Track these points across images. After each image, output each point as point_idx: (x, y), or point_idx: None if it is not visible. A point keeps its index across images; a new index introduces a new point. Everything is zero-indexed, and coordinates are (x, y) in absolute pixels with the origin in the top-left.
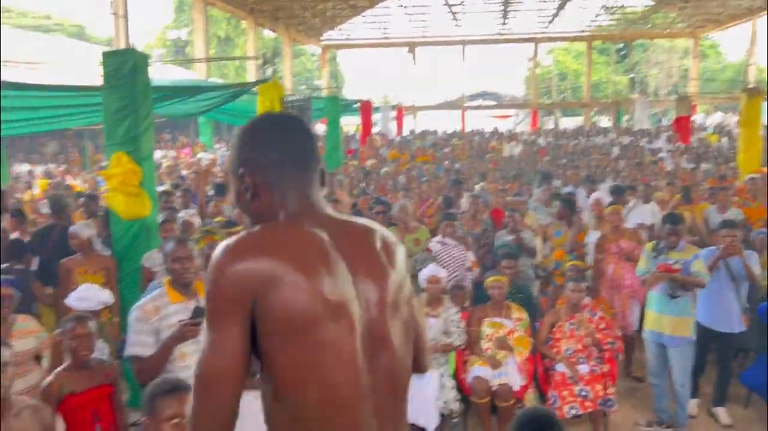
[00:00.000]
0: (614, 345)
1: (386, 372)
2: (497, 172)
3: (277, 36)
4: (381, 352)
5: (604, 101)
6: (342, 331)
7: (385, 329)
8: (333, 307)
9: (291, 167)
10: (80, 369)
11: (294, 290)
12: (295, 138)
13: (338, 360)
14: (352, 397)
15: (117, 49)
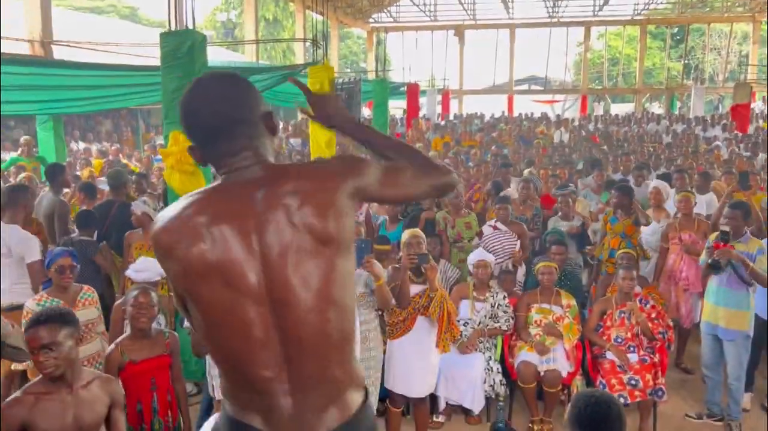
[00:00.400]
0: (666, 335)
1: (292, 328)
2: (545, 158)
3: (325, 19)
4: (281, 308)
5: (657, 87)
6: (229, 290)
7: (285, 287)
8: (216, 273)
9: (204, 143)
10: (140, 338)
11: (178, 263)
12: (195, 119)
13: (226, 316)
14: (246, 346)
15: (175, 30)
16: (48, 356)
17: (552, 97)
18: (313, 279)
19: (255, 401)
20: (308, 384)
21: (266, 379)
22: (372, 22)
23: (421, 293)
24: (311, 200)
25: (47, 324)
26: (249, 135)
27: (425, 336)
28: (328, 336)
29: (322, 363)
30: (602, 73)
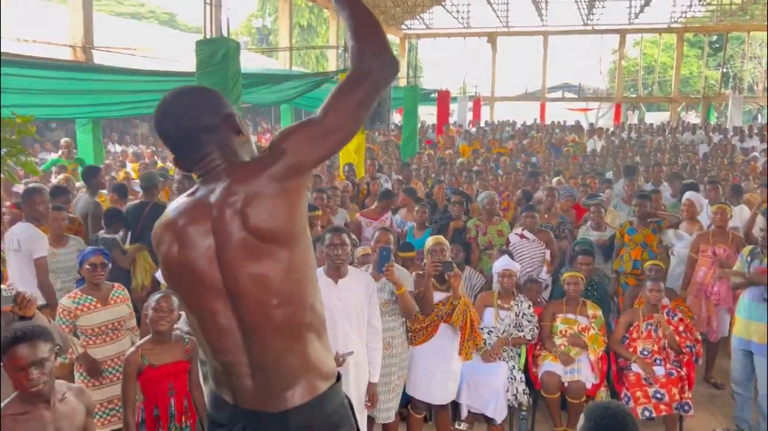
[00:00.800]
0: (694, 349)
1: (246, 316)
2: (576, 166)
3: None
4: (235, 300)
5: (693, 96)
6: (195, 283)
7: (236, 281)
8: (184, 266)
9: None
10: (160, 342)
11: (162, 256)
12: (165, 135)
13: (195, 304)
14: (212, 332)
15: (210, 37)
16: (39, 373)
17: (586, 105)
18: (259, 273)
19: (226, 380)
20: (265, 368)
21: (230, 362)
22: (404, 29)
23: (444, 300)
24: (248, 200)
25: (31, 340)
26: (212, 140)
27: (448, 343)
28: (278, 326)
29: (276, 350)
30: (637, 81)
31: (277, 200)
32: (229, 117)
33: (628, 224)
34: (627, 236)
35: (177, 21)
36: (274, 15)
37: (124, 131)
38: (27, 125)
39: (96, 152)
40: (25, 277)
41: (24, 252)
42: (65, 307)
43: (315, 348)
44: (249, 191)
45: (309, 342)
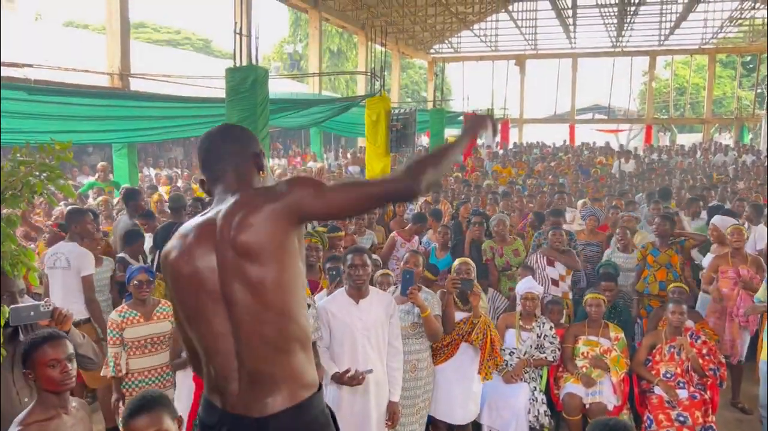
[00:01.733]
0: (717, 372)
1: (237, 327)
2: (604, 188)
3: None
4: (231, 306)
5: (726, 117)
6: (196, 290)
7: (231, 286)
8: (187, 275)
9: (206, 177)
10: None
11: (167, 268)
12: (200, 158)
13: (192, 311)
14: (206, 339)
15: (240, 65)
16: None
17: (616, 126)
18: (248, 286)
19: (215, 383)
20: (252, 375)
21: (222, 366)
22: (433, 53)
23: (465, 319)
24: (242, 223)
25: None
26: (237, 166)
27: (468, 362)
28: (267, 335)
29: (263, 358)
30: (669, 102)
31: (268, 228)
32: (257, 155)
33: (651, 246)
34: (651, 257)
35: (212, 47)
36: (305, 41)
37: (158, 154)
38: (65, 151)
39: (131, 176)
40: (72, 294)
41: (73, 270)
42: (113, 320)
43: (299, 358)
44: (247, 213)
45: (294, 352)
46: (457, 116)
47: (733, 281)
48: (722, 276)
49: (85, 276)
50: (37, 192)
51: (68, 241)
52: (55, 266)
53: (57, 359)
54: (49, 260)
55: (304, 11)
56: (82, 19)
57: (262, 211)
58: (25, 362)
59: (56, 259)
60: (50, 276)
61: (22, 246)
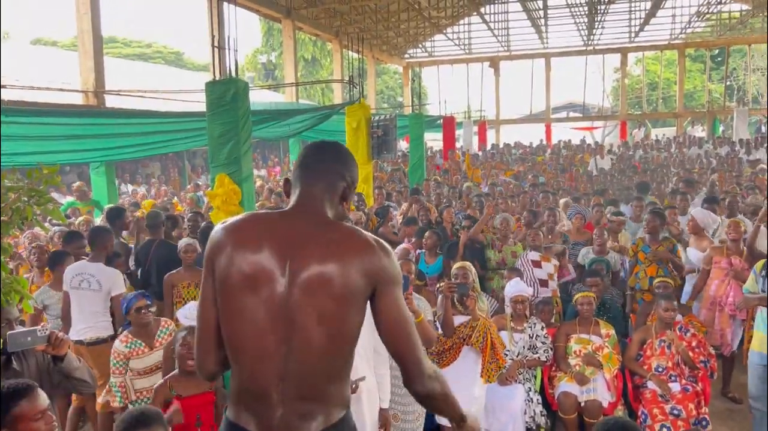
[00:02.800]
0: (708, 364)
1: (296, 347)
2: (583, 185)
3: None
4: (292, 328)
5: (698, 111)
6: (255, 301)
7: (298, 310)
8: (250, 280)
9: (295, 178)
10: (187, 376)
11: (225, 258)
12: (300, 159)
13: (246, 322)
14: (255, 355)
15: (219, 78)
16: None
17: (591, 123)
18: (323, 315)
19: (251, 404)
20: (298, 397)
21: (264, 386)
22: (407, 58)
23: (465, 323)
24: (341, 264)
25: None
26: (329, 182)
27: (471, 365)
28: (324, 363)
29: (313, 384)
30: (641, 98)
31: (359, 282)
32: (352, 185)
33: (641, 242)
34: (642, 253)
35: (184, 59)
36: (278, 50)
37: (135, 170)
38: (53, 174)
39: (110, 194)
40: (99, 314)
41: (104, 291)
42: (119, 351)
43: (344, 383)
44: (340, 253)
45: (342, 379)
46: (435, 119)
47: (725, 271)
48: (715, 266)
49: (115, 296)
50: (27, 218)
51: (93, 261)
52: (81, 287)
53: (41, 411)
54: (74, 281)
55: (278, 21)
56: (50, 37)
57: (351, 265)
58: (3, 420)
59: (82, 279)
60: (74, 296)
61: (14, 275)
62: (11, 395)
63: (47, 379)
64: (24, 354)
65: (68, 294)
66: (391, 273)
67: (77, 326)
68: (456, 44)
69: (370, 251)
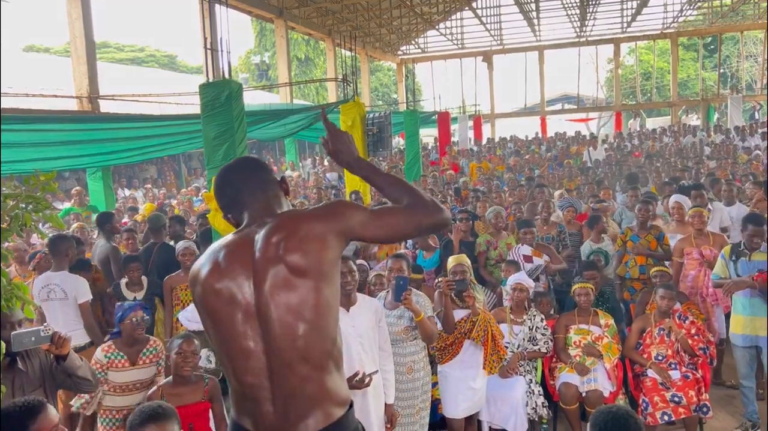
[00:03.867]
0: (707, 351)
1: (277, 342)
2: (580, 176)
3: (354, 54)
4: (268, 326)
5: (692, 99)
6: (231, 310)
7: (267, 306)
8: (223, 294)
9: (232, 207)
10: (181, 384)
11: (199, 286)
12: (223, 188)
13: (225, 331)
14: (240, 360)
15: (213, 80)
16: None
17: (586, 115)
18: (290, 303)
19: (247, 405)
20: (287, 394)
21: (253, 386)
22: (401, 54)
23: (465, 317)
24: (289, 240)
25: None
26: (265, 189)
27: (474, 359)
28: (303, 354)
29: (299, 378)
30: (635, 88)
31: (314, 245)
32: (283, 180)
33: (630, 232)
34: (630, 242)
35: (177, 62)
36: (271, 50)
37: (132, 174)
38: (50, 181)
39: (107, 198)
40: (72, 322)
41: (70, 299)
42: (98, 360)
43: (334, 377)
44: (295, 232)
45: (329, 371)
46: (430, 115)
47: (698, 261)
48: (687, 258)
49: (82, 303)
50: (26, 225)
51: (56, 270)
52: (49, 298)
53: (54, 425)
54: (42, 293)
55: (270, 21)
56: (42, 43)
57: (313, 231)
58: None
59: (50, 290)
60: (46, 308)
61: (14, 281)
62: (26, 413)
63: (50, 379)
64: (28, 354)
65: (40, 308)
66: (333, 209)
67: None
68: (449, 39)
69: (320, 216)
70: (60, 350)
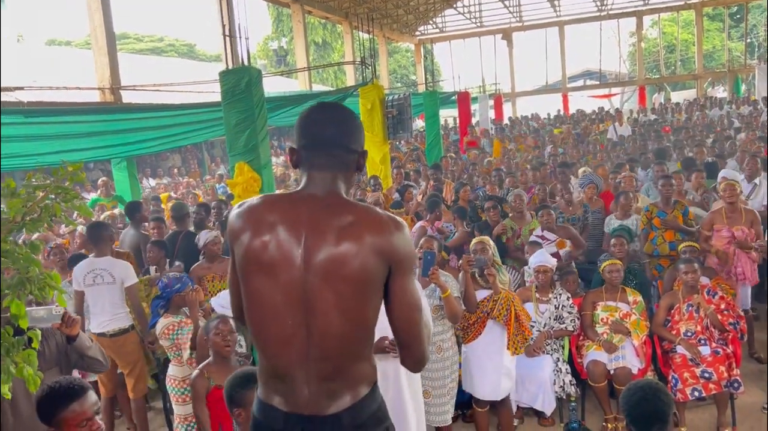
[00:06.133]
0: (737, 326)
1: (316, 329)
2: (603, 153)
3: (372, 36)
4: (311, 311)
5: (719, 71)
6: (272, 286)
7: (316, 293)
8: (266, 266)
9: (303, 156)
10: (223, 364)
11: (241, 246)
12: (303, 128)
13: (265, 306)
14: (276, 339)
15: (232, 67)
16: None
17: (609, 90)
18: (342, 300)
19: (278, 385)
20: (323, 377)
21: (288, 367)
22: (419, 35)
23: (488, 297)
24: (347, 242)
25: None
26: (340, 161)
27: (497, 338)
28: (344, 345)
29: (336, 364)
30: (659, 62)
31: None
32: (363, 154)
33: (655, 209)
34: (657, 219)
35: (196, 51)
36: (288, 36)
37: (156, 164)
38: (77, 171)
39: (133, 188)
40: (117, 306)
41: (117, 283)
42: (167, 324)
43: (368, 360)
44: (350, 234)
45: (366, 358)
46: (449, 96)
47: (728, 239)
48: (716, 234)
49: (131, 286)
50: (56, 215)
51: (99, 256)
52: (95, 282)
53: (88, 417)
54: (87, 278)
55: (286, 6)
56: (63, 37)
57: (366, 245)
58: (49, 421)
59: (96, 275)
60: (91, 293)
61: (46, 270)
62: (63, 396)
63: (66, 359)
64: (45, 334)
65: (82, 293)
66: (405, 253)
67: (98, 319)
68: (467, 18)
69: (386, 231)
70: (70, 330)
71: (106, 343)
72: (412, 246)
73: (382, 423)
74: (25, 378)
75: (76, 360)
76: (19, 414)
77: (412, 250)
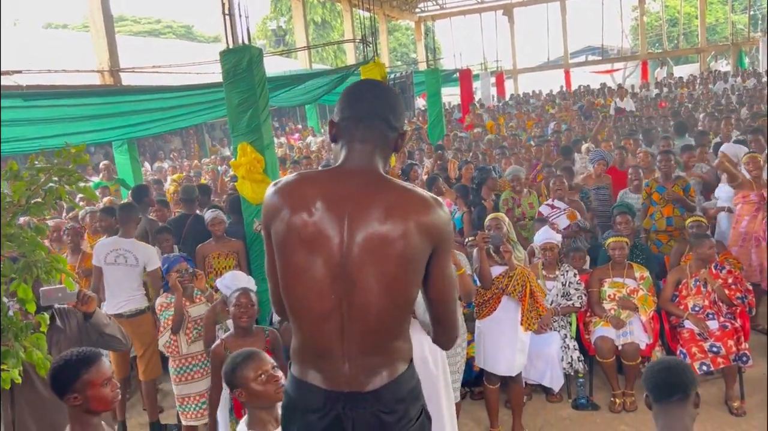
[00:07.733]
0: (746, 300)
1: (356, 306)
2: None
3: (372, 14)
4: (351, 287)
5: (722, 44)
6: (313, 261)
7: (357, 270)
8: (307, 242)
9: (343, 128)
10: (242, 336)
11: (281, 223)
12: (346, 102)
13: (306, 281)
14: (315, 315)
15: (232, 47)
16: None
17: (611, 66)
18: (384, 276)
19: (316, 362)
20: (362, 353)
21: (327, 343)
22: (419, 12)
23: (503, 273)
24: (402, 223)
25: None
26: (382, 135)
27: (511, 315)
28: (384, 322)
29: (376, 340)
30: (662, 36)
31: (414, 243)
32: (403, 134)
33: (655, 183)
34: (656, 194)
35: (194, 32)
36: (287, 15)
37: (156, 147)
38: (81, 153)
39: (135, 171)
40: (133, 288)
41: (140, 266)
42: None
43: (405, 338)
44: (397, 214)
45: (403, 336)
46: (451, 73)
47: (756, 206)
48: (744, 201)
49: (154, 270)
50: (61, 198)
51: (124, 237)
52: (116, 262)
53: (107, 378)
54: (109, 257)
55: None
56: (60, 20)
57: (412, 224)
58: (73, 385)
59: (118, 255)
60: (109, 271)
61: (52, 253)
62: (82, 361)
63: (87, 337)
64: (66, 313)
65: (100, 269)
66: (449, 231)
67: (115, 299)
68: None
69: (430, 209)
70: (86, 307)
71: (123, 324)
72: (452, 224)
73: (419, 401)
74: (34, 362)
75: (96, 338)
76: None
77: (452, 228)
